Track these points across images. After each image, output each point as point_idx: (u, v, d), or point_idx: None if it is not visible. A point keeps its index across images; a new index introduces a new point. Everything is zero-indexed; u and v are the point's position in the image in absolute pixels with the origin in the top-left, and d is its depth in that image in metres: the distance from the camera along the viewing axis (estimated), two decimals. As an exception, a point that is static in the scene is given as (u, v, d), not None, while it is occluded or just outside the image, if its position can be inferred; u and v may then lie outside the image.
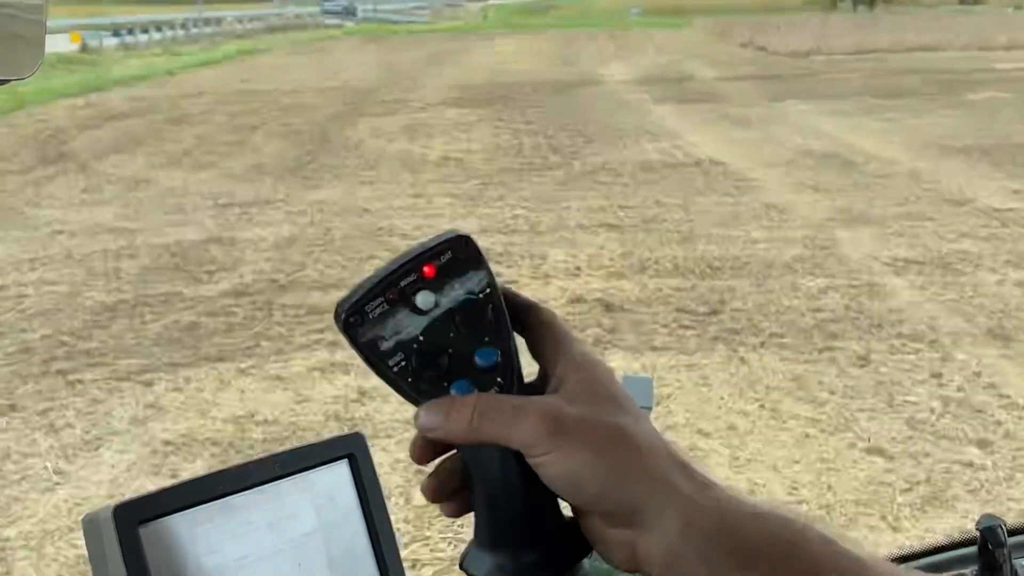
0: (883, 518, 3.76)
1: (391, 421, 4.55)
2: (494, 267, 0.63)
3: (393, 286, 0.62)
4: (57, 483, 4.16)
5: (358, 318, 0.61)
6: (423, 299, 0.62)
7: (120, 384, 5.12)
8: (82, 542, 2.96)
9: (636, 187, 9.73)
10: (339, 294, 0.61)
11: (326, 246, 7.64)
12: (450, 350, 0.62)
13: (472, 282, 0.63)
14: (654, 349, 5.49)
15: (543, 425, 0.58)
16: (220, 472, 0.62)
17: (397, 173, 10.69)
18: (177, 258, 7.39)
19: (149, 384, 5.12)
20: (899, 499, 3.93)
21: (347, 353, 5.58)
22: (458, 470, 0.62)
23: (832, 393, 4.88)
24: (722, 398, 4.85)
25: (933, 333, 5.62)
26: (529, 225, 8.22)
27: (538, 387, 0.62)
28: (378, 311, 0.61)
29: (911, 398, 4.79)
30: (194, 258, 7.38)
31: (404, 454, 4.14)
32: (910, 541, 3.44)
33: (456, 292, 0.62)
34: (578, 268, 6.98)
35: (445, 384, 0.61)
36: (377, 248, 7.44)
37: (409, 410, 0.61)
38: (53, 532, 3.79)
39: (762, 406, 4.76)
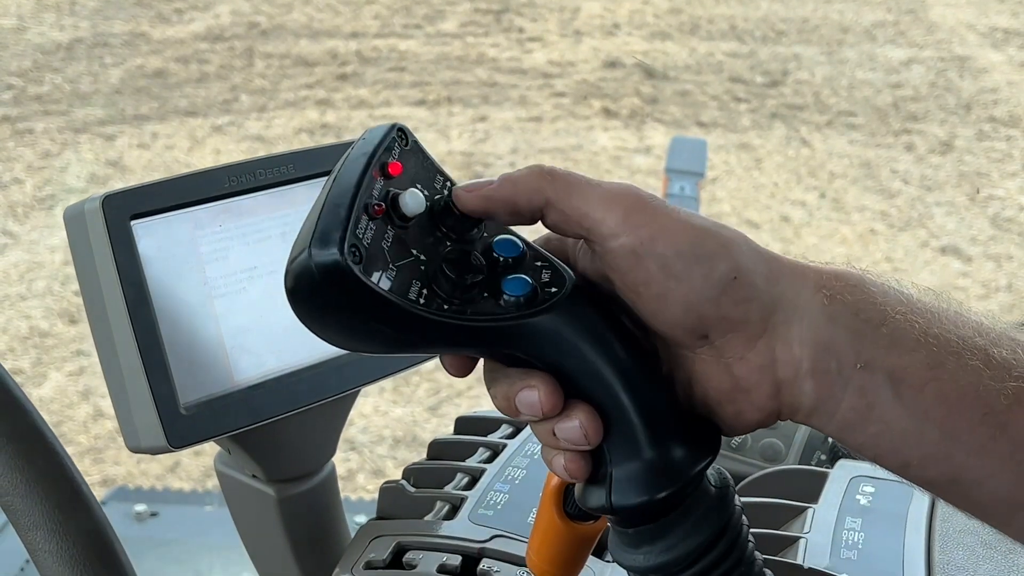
0: (953, 326, 3.80)
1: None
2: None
3: (369, 197, 0.53)
4: (5, 245, 4.23)
5: (356, 253, 0.51)
6: (412, 201, 0.54)
7: (77, 137, 5.13)
8: (37, 312, 2.98)
9: (690, -69, 9.41)
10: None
11: (317, -14, 7.47)
12: (469, 251, 0.55)
13: (433, 172, 0.58)
14: (701, 125, 5.45)
15: (630, 199, 0.55)
16: (223, 167, 0.62)
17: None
18: (141, -8, 7.25)
19: (110, 138, 5.12)
20: (974, 306, 3.96)
21: (340, 115, 5.59)
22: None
23: (906, 183, 4.86)
24: (776, 184, 4.84)
25: (1031, 119, 5.56)
26: (560, -29, 8.01)
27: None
28: (370, 235, 0.52)
29: (999, 192, 4.78)
30: (161, -7, 7.24)
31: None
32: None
33: (425, 185, 0.56)
34: (616, 25, 6.83)
35: (490, 293, 0.54)
36: (378, -9, 7.27)
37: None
38: (2, 301, 3.87)
39: (823, 195, 4.76)
